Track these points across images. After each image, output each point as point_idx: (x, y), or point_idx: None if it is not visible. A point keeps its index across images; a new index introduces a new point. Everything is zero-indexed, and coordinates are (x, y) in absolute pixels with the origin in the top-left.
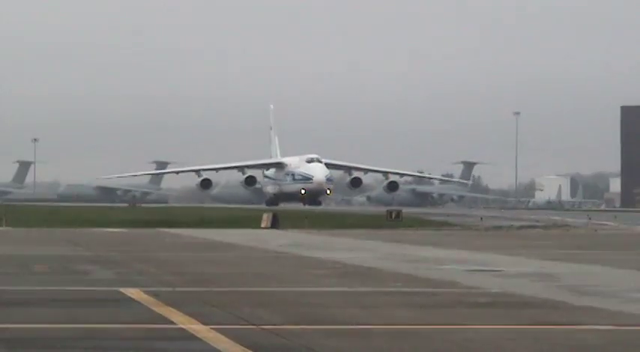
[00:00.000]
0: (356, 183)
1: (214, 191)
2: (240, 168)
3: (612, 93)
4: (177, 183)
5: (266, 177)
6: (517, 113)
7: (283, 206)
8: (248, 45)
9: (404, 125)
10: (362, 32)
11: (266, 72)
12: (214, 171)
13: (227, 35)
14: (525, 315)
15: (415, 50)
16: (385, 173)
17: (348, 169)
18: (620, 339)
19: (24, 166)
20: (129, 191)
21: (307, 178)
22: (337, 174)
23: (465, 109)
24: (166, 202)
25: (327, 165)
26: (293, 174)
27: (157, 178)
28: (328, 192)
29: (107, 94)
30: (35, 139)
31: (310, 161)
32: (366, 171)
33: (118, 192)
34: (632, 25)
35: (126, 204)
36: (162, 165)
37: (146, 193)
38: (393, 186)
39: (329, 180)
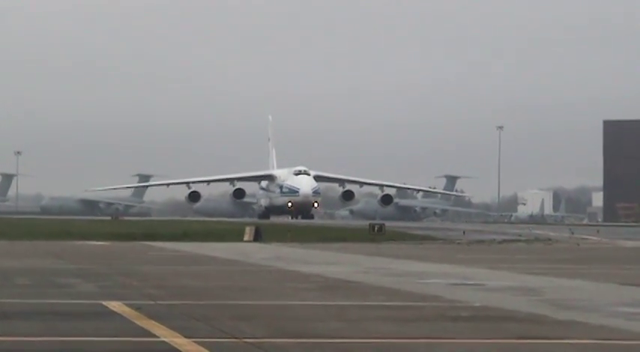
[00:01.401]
0: (348, 196)
1: (197, 204)
2: (231, 181)
3: (595, 107)
4: (160, 197)
5: (261, 189)
6: (500, 127)
7: (270, 219)
8: (239, 54)
9: (386, 139)
10: (345, 46)
11: (259, 83)
12: (206, 184)
13: (217, 46)
14: (507, 329)
15: (397, 63)
16: (381, 186)
17: (342, 182)
18: None
19: (7, 179)
20: (112, 204)
21: (294, 191)
22: (331, 187)
23: (448, 123)
24: (149, 215)
25: (320, 178)
26: (281, 187)
27: (139, 191)
28: (316, 205)
29: (91, 107)
30: (18, 152)
31: (298, 173)
32: (362, 183)
33: (101, 205)
34: (613, 40)
35: (109, 217)
36: (144, 178)
37: (129, 206)
38: (387, 200)
39: (316, 192)
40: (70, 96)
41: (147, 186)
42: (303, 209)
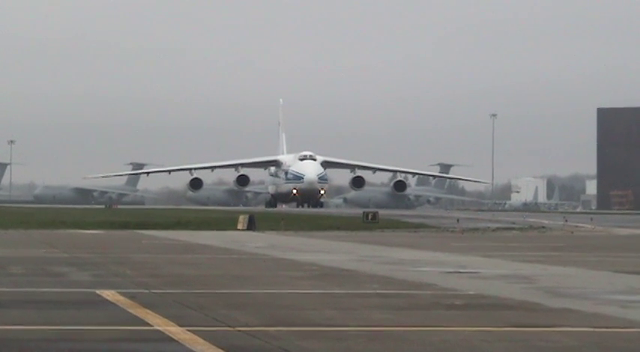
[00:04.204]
0: (358, 182)
1: (190, 193)
2: (236, 167)
3: (588, 95)
4: (154, 185)
5: (270, 175)
6: (494, 115)
7: (276, 207)
8: (236, 44)
9: (380, 127)
10: (341, 34)
11: (255, 71)
12: (210, 170)
13: (214, 33)
14: (502, 317)
15: (391, 53)
16: (394, 172)
17: (353, 168)
18: (595, 341)
19: (0, 168)
20: (105, 192)
21: (298, 177)
22: (343, 172)
23: (441, 112)
24: (143, 204)
25: (329, 164)
26: (286, 173)
27: (133, 180)
28: (322, 192)
29: (84, 96)
30: (11, 141)
31: (303, 158)
32: (374, 169)
33: (95, 194)
34: (607, 28)
35: (102, 206)
36: (138, 166)
37: (123, 195)
38: (400, 186)
39: (322, 179)
40: (63, 85)
41: (147, 173)
42: (308, 196)
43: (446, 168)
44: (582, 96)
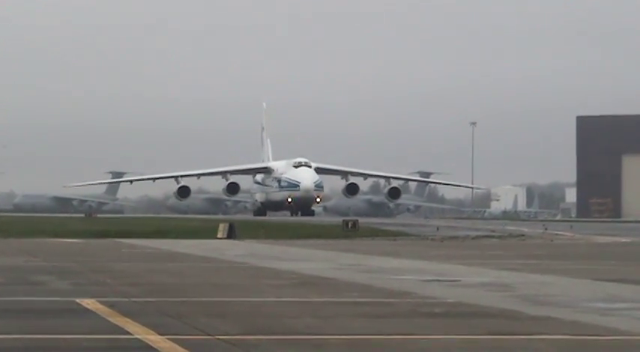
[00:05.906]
0: (352, 189)
1: (170, 201)
2: (224, 174)
3: (568, 103)
4: (133, 194)
5: (256, 183)
6: (473, 123)
7: (266, 216)
8: (224, 45)
9: (358, 135)
10: (318, 41)
11: (234, 73)
12: (196, 178)
13: (202, 35)
14: (481, 325)
15: (369, 60)
16: (387, 178)
17: (345, 174)
18: (575, 349)
19: None
20: (85, 201)
21: (294, 185)
22: (333, 179)
23: (420, 119)
24: (122, 212)
25: (321, 170)
26: (279, 181)
27: (113, 188)
28: (318, 200)
29: (63, 103)
30: None
31: (298, 165)
32: (366, 176)
33: (74, 203)
34: (586, 36)
35: (82, 215)
36: (118, 175)
37: (102, 203)
38: (394, 193)
39: (318, 186)
40: (42, 94)
41: (131, 181)
42: (303, 204)
43: (426, 176)
44: (562, 104)
